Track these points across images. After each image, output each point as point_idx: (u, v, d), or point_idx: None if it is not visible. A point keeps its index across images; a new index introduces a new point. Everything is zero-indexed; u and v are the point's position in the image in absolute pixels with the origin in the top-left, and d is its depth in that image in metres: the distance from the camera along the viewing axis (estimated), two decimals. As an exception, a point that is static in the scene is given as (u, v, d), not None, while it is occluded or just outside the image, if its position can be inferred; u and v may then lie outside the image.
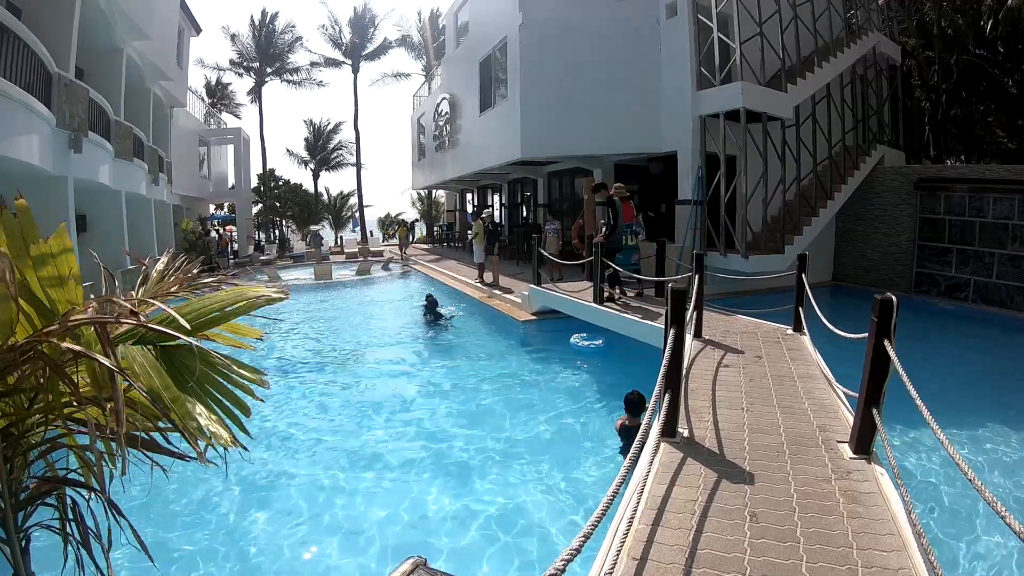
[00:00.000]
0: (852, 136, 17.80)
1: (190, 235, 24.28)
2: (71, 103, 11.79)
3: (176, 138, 25.72)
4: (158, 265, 3.06)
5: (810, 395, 5.10)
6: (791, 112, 14.74)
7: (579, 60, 15.83)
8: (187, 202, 30.07)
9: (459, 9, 24.19)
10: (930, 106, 24.33)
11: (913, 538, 2.89)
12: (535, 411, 8.09)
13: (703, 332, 7.40)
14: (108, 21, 15.22)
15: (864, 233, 17.90)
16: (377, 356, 11.50)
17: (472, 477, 6.31)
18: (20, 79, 9.47)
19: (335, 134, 43.87)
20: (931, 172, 16.93)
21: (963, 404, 8.08)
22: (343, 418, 8.25)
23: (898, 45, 21.20)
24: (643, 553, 2.86)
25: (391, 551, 4.95)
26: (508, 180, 26.55)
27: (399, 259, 27.28)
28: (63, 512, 2.60)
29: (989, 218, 14.73)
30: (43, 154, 10.48)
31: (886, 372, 3.61)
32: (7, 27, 8.94)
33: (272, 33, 37.24)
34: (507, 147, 17.61)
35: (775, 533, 3.01)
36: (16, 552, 2.37)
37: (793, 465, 3.76)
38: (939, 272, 15.90)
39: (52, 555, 2.66)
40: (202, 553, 4.98)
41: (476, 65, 20.42)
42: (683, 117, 14.84)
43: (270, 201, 39.23)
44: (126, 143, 16.18)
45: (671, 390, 4.11)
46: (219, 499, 5.88)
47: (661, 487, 3.50)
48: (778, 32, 14.53)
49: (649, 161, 16.96)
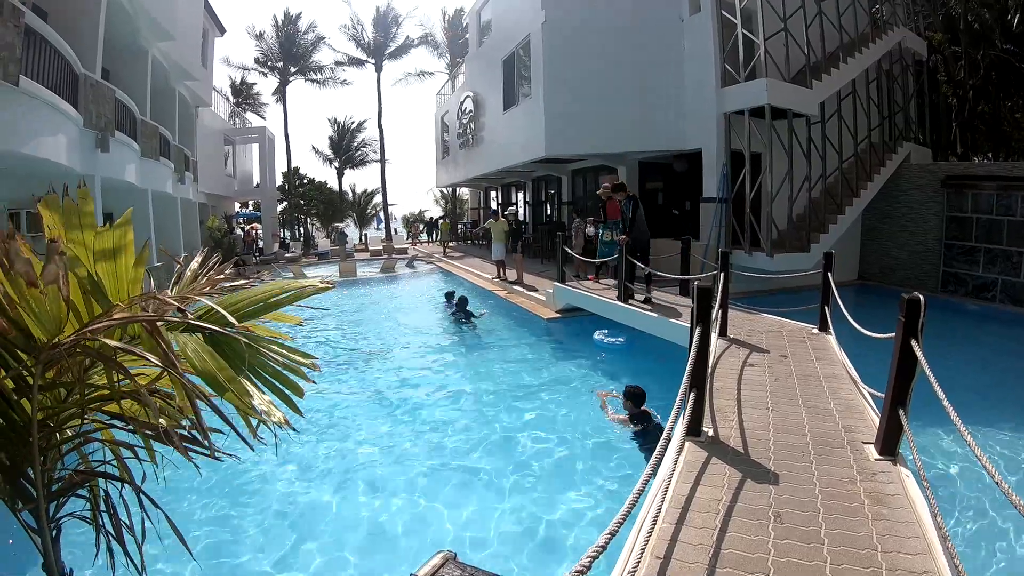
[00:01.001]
0: (878, 133, 17.58)
1: (216, 233, 24.56)
2: (98, 103, 11.98)
3: (202, 137, 26.02)
4: (192, 264, 3.12)
5: (836, 395, 5.07)
6: (816, 109, 14.61)
7: (602, 57, 15.81)
8: (213, 200, 30.43)
9: (481, 8, 24.25)
10: (957, 102, 23.94)
11: (938, 541, 2.86)
12: (559, 404, 8.13)
13: (728, 331, 7.37)
14: (133, 22, 15.44)
15: (890, 232, 17.66)
16: (405, 352, 11.59)
17: (504, 472, 6.35)
18: (47, 80, 9.65)
19: (359, 132, 44.09)
20: (958, 169, 16.65)
21: (991, 406, 7.95)
22: (374, 411, 8.34)
23: (924, 40, 20.88)
24: (667, 552, 2.87)
25: (421, 544, 5.00)
26: (532, 178, 26.55)
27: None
28: (95, 504, 2.65)
29: (1018, 216, 14.44)
30: (70, 153, 10.67)
31: (913, 373, 3.57)
32: (34, 30, 9.10)
33: (295, 33, 37.46)
34: (531, 145, 17.63)
35: (799, 534, 3.00)
36: (47, 542, 2.42)
37: (818, 466, 3.74)
38: (966, 272, 15.65)
39: (84, 547, 2.72)
40: (230, 544, 5.06)
41: (499, 63, 20.46)
42: (707, 114, 14.77)
43: (295, 199, 39.54)
44: (152, 142, 16.40)
45: (696, 388, 4.10)
46: (250, 492, 5.96)
47: (685, 486, 3.50)
48: (803, 27, 14.39)
49: (674, 159, 16.89)
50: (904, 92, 19.33)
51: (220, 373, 2.33)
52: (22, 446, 2.28)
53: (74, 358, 2.26)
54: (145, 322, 2.14)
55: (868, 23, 17.73)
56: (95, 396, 2.45)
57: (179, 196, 20.47)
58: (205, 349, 2.38)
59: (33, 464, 2.27)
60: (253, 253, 29.55)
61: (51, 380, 2.38)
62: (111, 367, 2.14)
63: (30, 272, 2.13)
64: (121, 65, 16.24)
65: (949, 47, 23.67)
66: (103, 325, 2.14)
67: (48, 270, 2.11)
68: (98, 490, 2.67)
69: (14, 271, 2.12)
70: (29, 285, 2.12)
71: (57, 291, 2.12)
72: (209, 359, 2.34)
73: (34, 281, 2.11)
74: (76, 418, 2.49)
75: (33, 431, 2.23)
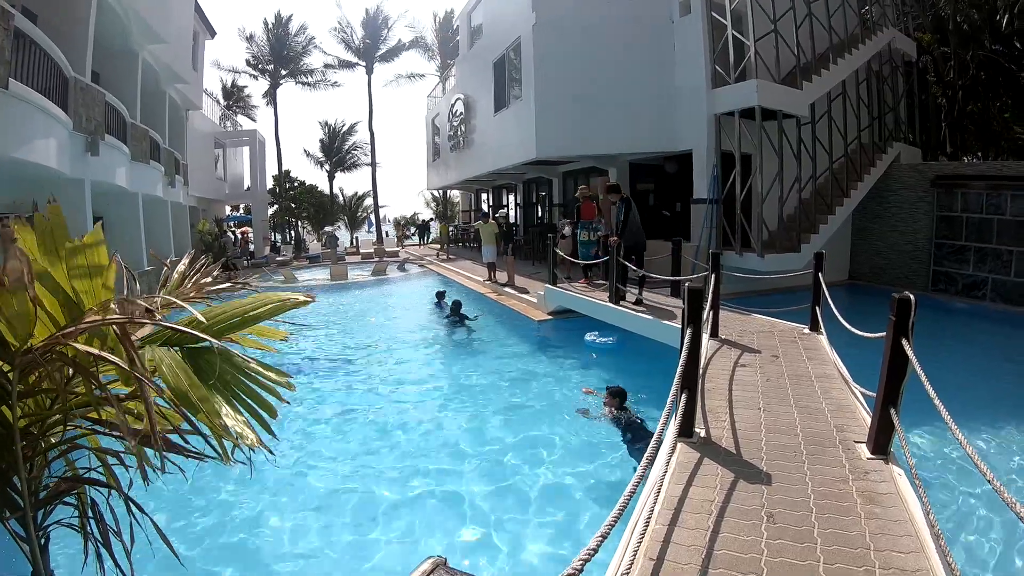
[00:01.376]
0: (868, 133, 17.69)
1: (206, 236, 24.47)
2: (87, 106, 11.91)
3: (192, 140, 25.94)
4: (179, 267, 3.10)
5: (827, 395, 5.08)
6: (806, 110, 14.66)
7: (593, 59, 15.82)
8: (203, 204, 30.33)
9: (472, 10, 24.24)
10: (946, 102, 24.07)
11: (931, 539, 2.87)
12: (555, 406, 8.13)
13: (719, 331, 7.38)
14: (124, 25, 15.37)
15: (881, 231, 17.76)
16: (398, 355, 11.56)
17: (497, 476, 6.33)
18: (37, 83, 9.58)
19: (350, 135, 44.16)
20: (948, 169, 16.76)
21: (982, 404, 8.00)
22: (365, 416, 8.27)
23: (913, 41, 21.00)
24: (660, 553, 2.86)
25: (411, 550, 4.97)
26: (523, 180, 26.53)
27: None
28: (83, 511, 2.63)
29: (1007, 215, 14.55)
30: (60, 157, 10.59)
31: (904, 372, 3.58)
32: (23, 32, 9.04)
33: (286, 36, 37.42)
34: (522, 147, 17.62)
35: (792, 534, 2.99)
36: (35, 550, 2.40)
37: (810, 465, 3.74)
38: (956, 270, 15.74)
39: (72, 555, 2.69)
40: (220, 552, 5.02)
41: (490, 65, 20.45)
42: (698, 116, 14.80)
43: (286, 202, 39.48)
44: (142, 145, 16.33)
45: (688, 390, 4.10)
46: (237, 498, 5.92)
47: (678, 487, 3.49)
48: (792, 29, 14.47)
49: (664, 160, 16.91)
50: (894, 92, 19.44)
51: (192, 391, 2.32)
52: (6, 453, 2.26)
53: (52, 364, 2.24)
54: (115, 324, 2.12)
55: (858, 24, 17.81)
56: (77, 403, 2.43)
57: (169, 199, 20.39)
58: (180, 365, 2.37)
59: (18, 472, 2.24)
60: (244, 257, 29.44)
61: (31, 386, 2.36)
62: (83, 375, 2.12)
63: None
64: (111, 68, 16.14)
65: (938, 47, 23.80)
66: (75, 329, 2.12)
67: (10, 265, 2.07)
68: (85, 497, 2.65)
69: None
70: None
71: (24, 287, 2.08)
72: (183, 376, 2.33)
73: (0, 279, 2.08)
74: (60, 425, 2.47)
75: (15, 438, 2.21)
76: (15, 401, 2.17)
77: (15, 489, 2.32)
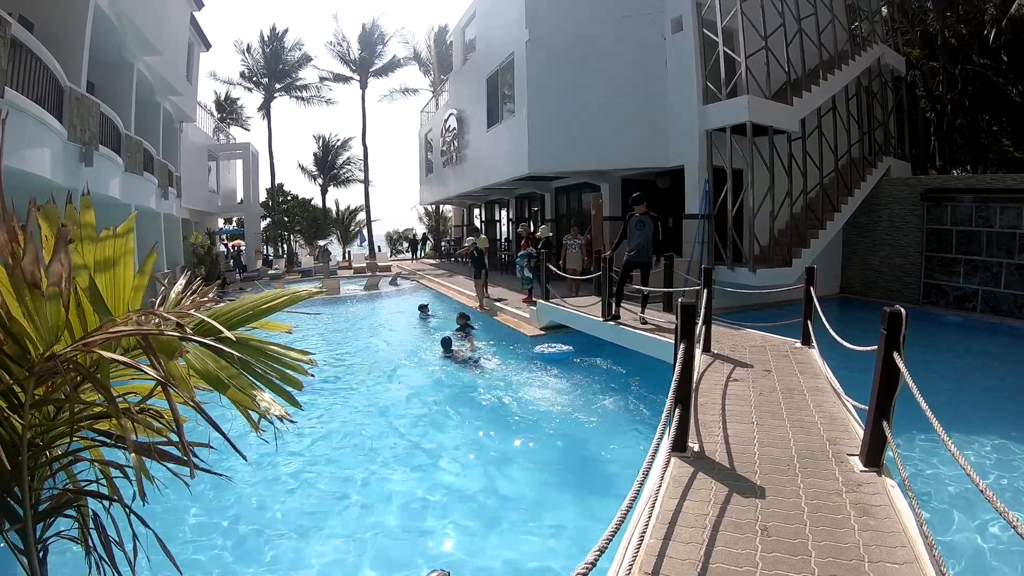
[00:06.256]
0: (858, 148, 17.87)
1: (199, 249, 24.40)
2: (82, 117, 11.88)
3: (186, 152, 25.88)
4: (176, 287, 3.13)
5: (820, 408, 5.11)
6: (797, 125, 14.78)
7: (586, 76, 15.96)
8: (196, 216, 30.22)
9: (466, 25, 24.39)
10: (935, 116, 24.37)
11: (925, 550, 2.89)
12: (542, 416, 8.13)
13: (712, 346, 7.41)
14: (119, 36, 15.38)
15: (871, 245, 17.90)
16: (396, 368, 11.58)
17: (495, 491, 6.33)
18: (33, 93, 9.57)
19: (344, 150, 44.28)
20: (937, 182, 16.94)
21: (974, 415, 8.04)
22: (364, 429, 8.26)
23: (902, 56, 21.24)
24: (655, 567, 2.87)
25: (414, 563, 4.97)
26: (515, 195, 26.59)
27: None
28: (83, 523, 2.62)
29: (996, 227, 14.71)
30: (55, 167, 10.55)
31: (896, 384, 3.62)
32: (20, 41, 9.04)
33: (281, 50, 37.52)
34: (514, 162, 17.72)
35: (787, 547, 3.01)
36: (34, 564, 2.39)
37: (804, 479, 3.77)
38: (947, 283, 15.88)
39: (72, 567, 2.69)
40: (216, 562, 5.00)
41: (483, 81, 20.57)
42: (690, 131, 14.91)
43: (278, 216, 39.45)
44: (136, 157, 16.29)
45: (681, 404, 4.12)
46: (235, 512, 5.90)
47: (672, 501, 3.51)
48: (783, 45, 14.60)
49: (656, 176, 17.01)
50: (883, 107, 19.64)
51: (222, 372, 2.38)
52: (10, 465, 2.25)
53: (68, 374, 2.24)
54: (140, 336, 2.13)
55: (847, 40, 18.02)
56: (85, 414, 2.44)
57: (162, 211, 20.31)
58: (206, 353, 2.41)
59: (21, 483, 2.24)
60: (236, 270, 29.35)
61: (42, 396, 2.36)
62: (96, 387, 2.12)
63: (36, 271, 2.10)
64: (106, 79, 16.13)
65: (927, 62, 24.12)
66: (100, 338, 2.13)
67: (53, 268, 2.08)
68: (87, 509, 2.65)
69: (21, 268, 2.09)
70: (32, 286, 2.10)
71: (58, 295, 2.09)
72: (210, 361, 2.38)
73: (37, 282, 2.09)
74: (65, 436, 2.47)
75: (23, 450, 2.21)
76: (27, 411, 2.17)
77: (16, 500, 2.32)
